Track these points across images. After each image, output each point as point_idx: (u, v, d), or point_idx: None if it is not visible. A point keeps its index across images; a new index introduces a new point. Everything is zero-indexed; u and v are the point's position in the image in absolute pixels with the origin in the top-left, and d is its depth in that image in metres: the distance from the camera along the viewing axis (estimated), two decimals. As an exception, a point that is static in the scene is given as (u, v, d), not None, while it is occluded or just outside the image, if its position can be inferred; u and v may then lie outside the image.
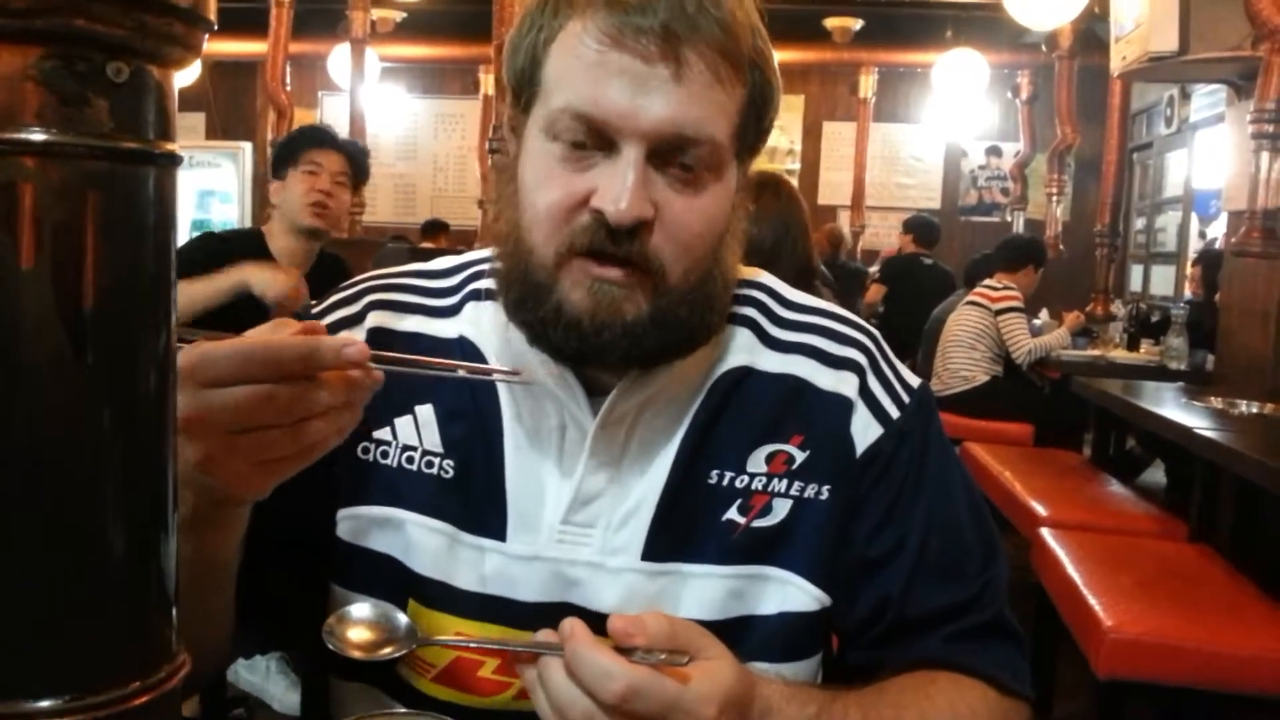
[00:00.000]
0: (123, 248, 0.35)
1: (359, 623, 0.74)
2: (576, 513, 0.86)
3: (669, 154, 0.78)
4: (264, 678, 2.77)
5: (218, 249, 2.65)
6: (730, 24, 0.77)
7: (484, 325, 0.90)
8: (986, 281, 5.12)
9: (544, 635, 0.71)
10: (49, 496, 0.35)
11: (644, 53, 0.76)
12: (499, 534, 0.86)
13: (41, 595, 0.35)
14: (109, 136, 0.34)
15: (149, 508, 0.37)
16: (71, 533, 0.35)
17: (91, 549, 0.35)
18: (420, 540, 0.86)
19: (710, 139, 0.79)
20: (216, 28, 0.36)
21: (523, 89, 0.83)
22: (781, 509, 0.87)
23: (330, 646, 0.72)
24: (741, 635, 0.85)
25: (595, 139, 0.78)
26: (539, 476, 0.86)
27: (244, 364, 0.61)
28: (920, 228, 6.95)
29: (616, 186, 0.76)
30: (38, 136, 0.33)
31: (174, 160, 0.36)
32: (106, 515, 0.36)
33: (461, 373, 0.72)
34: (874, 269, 7.11)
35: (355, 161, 2.77)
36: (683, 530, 0.86)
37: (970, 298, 5.11)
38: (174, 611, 0.39)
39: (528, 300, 0.81)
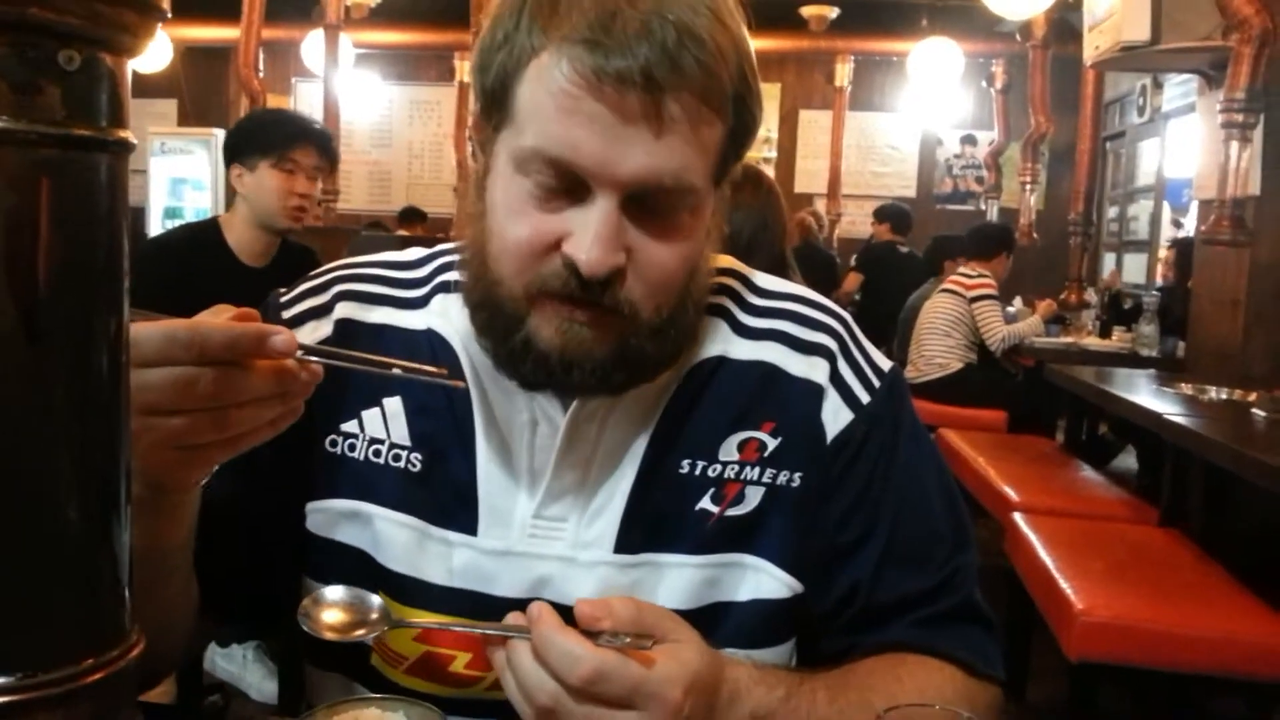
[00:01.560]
0: (76, 233, 0.35)
1: (333, 605, 0.75)
2: (548, 507, 0.85)
3: (644, 200, 0.76)
4: (241, 666, 2.76)
5: (172, 256, 2.60)
6: (712, 63, 0.74)
7: (453, 317, 0.89)
8: (961, 270, 5.13)
9: (513, 619, 0.72)
10: (1, 477, 0.35)
11: (623, 103, 0.72)
12: (470, 529, 0.85)
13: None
14: (61, 124, 0.34)
15: (102, 488, 0.37)
16: (24, 512, 0.35)
17: (44, 528, 0.36)
18: (389, 534, 0.86)
19: (689, 186, 0.77)
20: (170, 16, 0.36)
21: (493, 109, 0.80)
22: (754, 497, 0.87)
23: (305, 628, 0.73)
24: (715, 623, 0.86)
25: (568, 184, 0.76)
26: (510, 471, 0.86)
27: (168, 345, 0.60)
28: (896, 216, 6.98)
29: (589, 236, 0.74)
30: (-10, 123, 0.33)
31: (126, 147, 0.36)
32: (59, 495, 0.36)
33: (396, 371, 0.71)
34: (851, 261, 7.13)
35: (327, 152, 2.69)
36: (656, 521, 0.86)
37: (945, 285, 5.12)
38: (127, 591, 0.39)
39: (495, 328, 0.81)
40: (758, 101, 0.81)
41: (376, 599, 0.76)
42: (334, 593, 0.76)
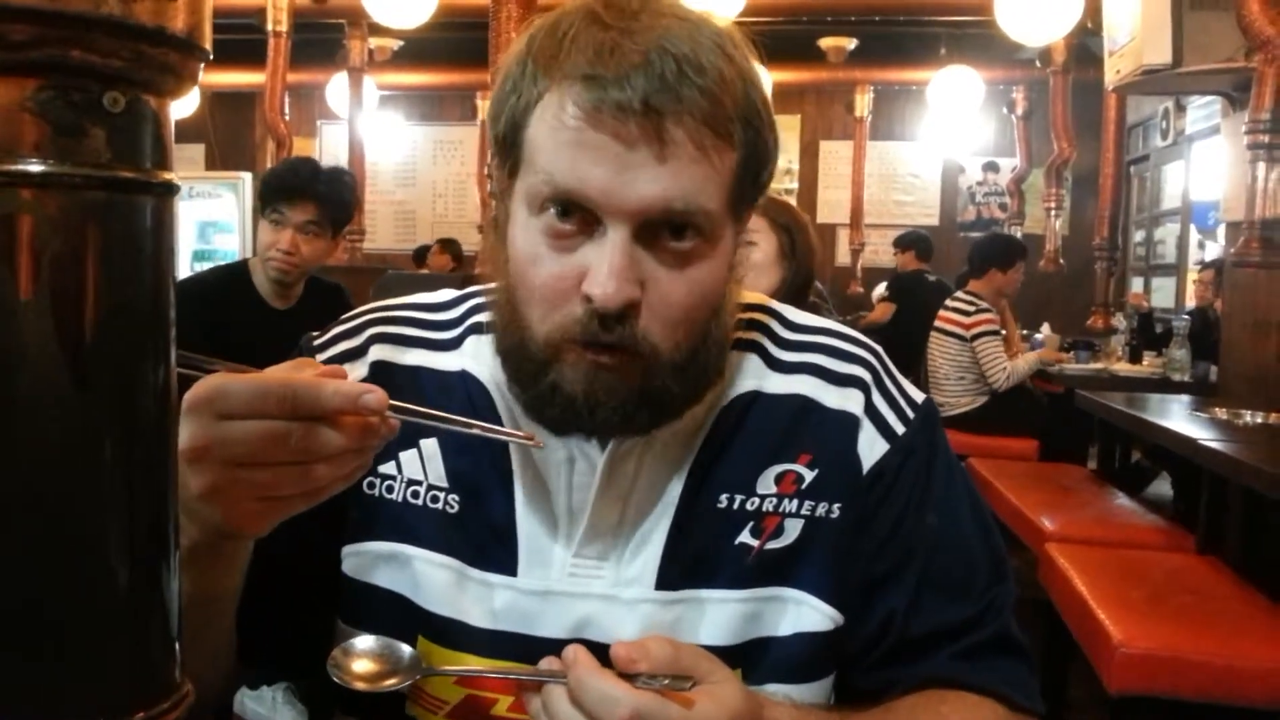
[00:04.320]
0: (121, 277, 0.35)
1: (363, 654, 0.74)
2: (588, 546, 0.85)
3: (658, 228, 0.76)
4: (270, 708, 2.75)
5: (202, 297, 2.62)
6: (715, 91, 0.74)
7: (486, 359, 0.89)
8: (958, 304, 4.96)
9: (548, 663, 0.71)
10: (51, 528, 0.34)
11: (625, 131, 0.73)
12: (510, 569, 0.85)
13: (44, 626, 0.34)
14: (106, 166, 0.34)
15: (151, 537, 0.37)
16: (74, 564, 0.35)
17: (93, 580, 0.35)
18: (428, 576, 0.85)
19: (700, 209, 0.76)
20: (212, 57, 0.36)
21: (507, 154, 0.81)
22: (793, 529, 0.86)
23: (335, 678, 0.72)
24: (757, 657, 0.85)
25: (579, 215, 0.76)
26: (549, 510, 0.86)
27: (260, 399, 0.61)
28: (920, 243, 6.96)
29: (603, 270, 0.75)
30: (35, 168, 0.33)
31: (171, 189, 0.36)
32: (109, 546, 0.35)
33: (476, 431, 0.72)
34: (879, 289, 7.11)
35: (329, 207, 2.64)
36: (696, 556, 0.85)
37: (944, 325, 4.97)
38: (177, 641, 0.39)
39: (523, 374, 0.81)
40: (771, 130, 0.81)
41: (407, 648, 0.75)
42: (364, 642, 0.75)
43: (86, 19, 0.33)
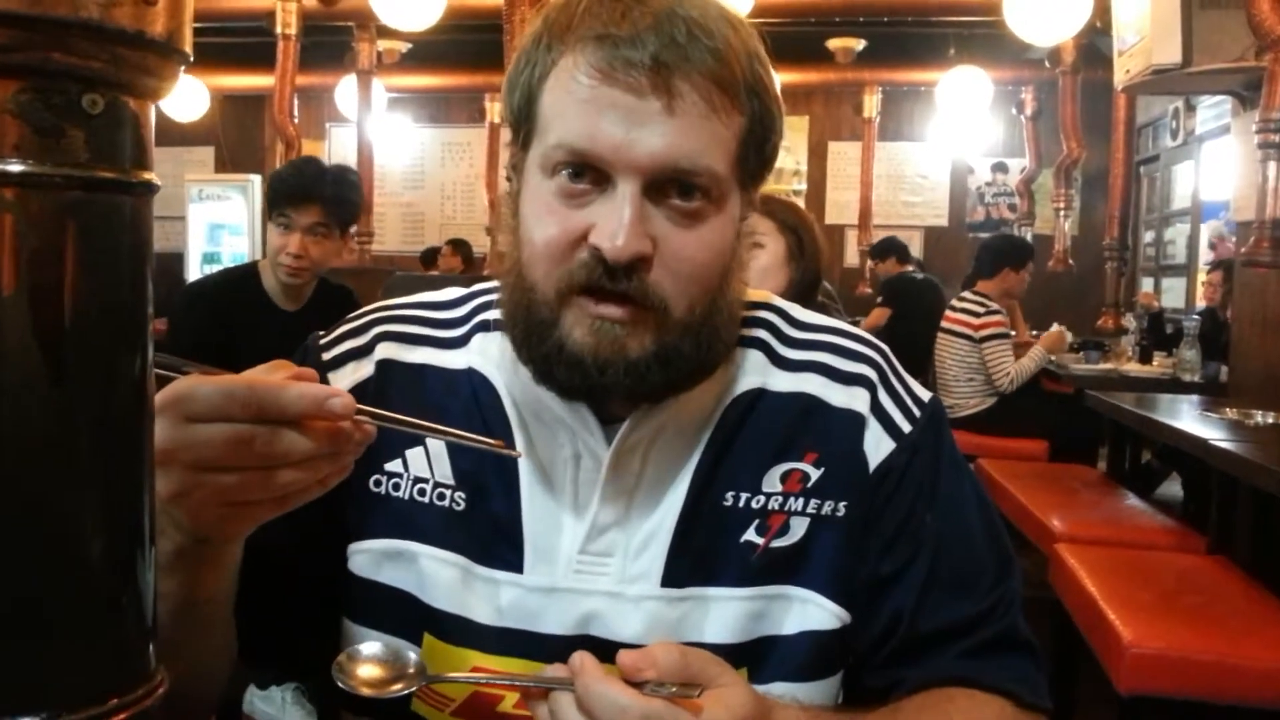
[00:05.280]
0: (100, 275, 0.35)
1: (368, 660, 0.74)
2: (593, 542, 0.85)
3: (666, 187, 0.78)
4: (279, 708, 2.77)
5: (210, 299, 2.64)
6: (723, 52, 0.77)
7: (492, 356, 0.90)
8: (967, 305, 4.94)
9: (554, 670, 0.71)
10: (26, 517, 0.35)
11: (635, 86, 0.75)
12: (515, 566, 0.85)
13: (18, 614, 0.35)
14: (85, 166, 0.35)
15: (126, 528, 0.37)
16: (48, 553, 0.35)
17: (68, 569, 0.36)
18: (434, 573, 0.86)
19: (708, 169, 0.78)
20: (192, 60, 0.37)
21: (520, 125, 0.83)
22: (799, 528, 0.86)
23: (340, 684, 0.72)
24: (764, 656, 0.85)
25: (590, 175, 0.78)
26: (554, 507, 0.86)
27: (226, 401, 0.60)
28: (897, 248, 7.03)
29: (613, 223, 0.76)
30: (15, 168, 0.34)
31: (150, 189, 0.37)
32: (84, 536, 0.36)
33: (451, 438, 0.72)
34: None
35: (336, 208, 2.65)
36: (701, 554, 0.85)
37: (949, 324, 4.96)
38: (152, 630, 0.39)
39: (531, 337, 0.81)
40: (775, 103, 0.83)
41: (413, 654, 0.75)
42: (369, 648, 0.75)
43: (66, 23, 0.33)
